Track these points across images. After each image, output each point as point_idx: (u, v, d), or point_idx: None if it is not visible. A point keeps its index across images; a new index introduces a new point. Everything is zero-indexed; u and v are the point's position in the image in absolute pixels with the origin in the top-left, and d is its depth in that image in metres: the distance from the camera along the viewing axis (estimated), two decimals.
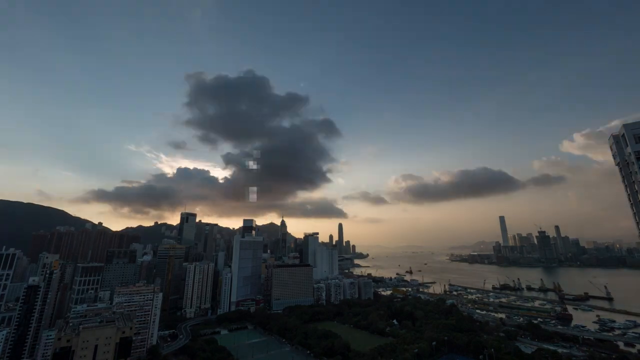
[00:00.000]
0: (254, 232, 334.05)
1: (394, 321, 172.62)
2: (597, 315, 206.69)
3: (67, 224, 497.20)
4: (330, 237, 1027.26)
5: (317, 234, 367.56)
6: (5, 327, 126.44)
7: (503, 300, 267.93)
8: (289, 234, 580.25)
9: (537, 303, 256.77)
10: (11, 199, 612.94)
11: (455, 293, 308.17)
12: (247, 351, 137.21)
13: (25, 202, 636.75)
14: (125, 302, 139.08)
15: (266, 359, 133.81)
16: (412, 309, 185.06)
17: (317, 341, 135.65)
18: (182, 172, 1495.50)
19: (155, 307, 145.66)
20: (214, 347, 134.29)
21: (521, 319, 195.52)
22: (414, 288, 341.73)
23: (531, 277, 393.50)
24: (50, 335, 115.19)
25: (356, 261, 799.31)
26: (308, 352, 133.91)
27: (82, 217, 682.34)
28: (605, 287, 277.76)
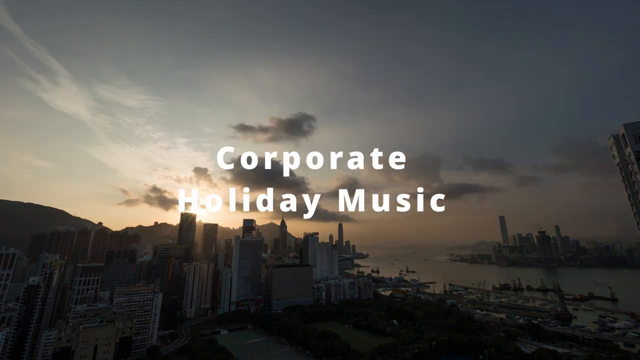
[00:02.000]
0: (254, 232, 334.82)
1: (394, 321, 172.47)
2: (600, 315, 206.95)
3: (67, 224, 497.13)
4: (330, 237, 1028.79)
5: (317, 234, 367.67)
6: (5, 327, 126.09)
7: (503, 300, 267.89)
8: (289, 234, 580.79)
9: (537, 303, 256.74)
10: (11, 199, 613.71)
11: (455, 293, 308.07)
12: (247, 351, 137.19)
13: (25, 202, 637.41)
14: (125, 302, 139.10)
15: (266, 359, 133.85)
16: (412, 309, 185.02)
17: (317, 341, 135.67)
18: None
19: (155, 307, 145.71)
20: (214, 347, 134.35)
21: (521, 319, 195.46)
22: (414, 288, 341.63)
23: (531, 277, 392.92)
24: (50, 335, 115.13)
25: (356, 261, 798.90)
26: (308, 352, 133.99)
27: (82, 217, 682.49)
28: (609, 288, 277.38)
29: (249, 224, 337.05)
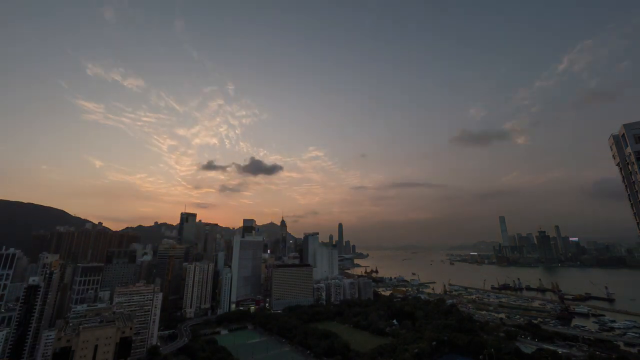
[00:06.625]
0: (254, 232, 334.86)
1: (394, 321, 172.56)
2: (599, 315, 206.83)
3: (67, 224, 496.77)
4: (330, 237, 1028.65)
5: (317, 233, 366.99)
6: (5, 327, 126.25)
7: (503, 300, 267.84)
8: (289, 234, 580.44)
9: (537, 303, 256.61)
10: (11, 199, 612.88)
11: (455, 293, 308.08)
12: (247, 351, 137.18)
13: (25, 202, 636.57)
14: (125, 302, 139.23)
15: (266, 359, 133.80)
16: (412, 309, 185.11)
17: (317, 341, 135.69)
18: None
19: (155, 307, 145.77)
20: (214, 347, 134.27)
21: (521, 319, 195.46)
22: (414, 288, 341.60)
23: (531, 277, 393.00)
24: (50, 336, 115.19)
25: (356, 261, 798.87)
26: (308, 352, 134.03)
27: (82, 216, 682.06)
28: (606, 288, 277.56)
29: (249, 224, 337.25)
